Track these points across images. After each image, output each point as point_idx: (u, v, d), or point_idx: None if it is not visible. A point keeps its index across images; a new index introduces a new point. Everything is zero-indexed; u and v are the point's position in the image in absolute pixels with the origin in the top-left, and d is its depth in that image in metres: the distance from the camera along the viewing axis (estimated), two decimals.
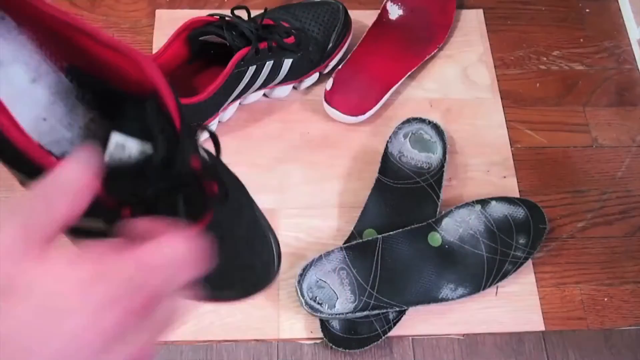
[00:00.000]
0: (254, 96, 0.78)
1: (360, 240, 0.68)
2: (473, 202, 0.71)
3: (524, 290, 0.71)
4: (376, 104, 0.79)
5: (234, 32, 0.70)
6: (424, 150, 0.75)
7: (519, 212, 0.71)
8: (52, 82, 0.29)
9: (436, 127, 0.76)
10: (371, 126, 0.80)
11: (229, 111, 0.77)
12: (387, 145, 0.75)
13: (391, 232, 0.68)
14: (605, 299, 0.71)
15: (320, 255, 0.66)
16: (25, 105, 0.29)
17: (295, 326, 0.68)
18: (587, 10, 0.92)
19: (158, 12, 0.86)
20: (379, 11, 0.85)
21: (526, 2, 0.92)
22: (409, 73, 0.81)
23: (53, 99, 0.29)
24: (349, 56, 0.81)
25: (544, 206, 0.72)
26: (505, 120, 0.81)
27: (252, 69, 0.71)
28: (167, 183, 0.25)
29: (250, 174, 0.75)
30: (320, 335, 0.66)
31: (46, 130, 0.29)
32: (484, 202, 0.71)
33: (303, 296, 0.65)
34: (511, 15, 0.91)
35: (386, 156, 0.75)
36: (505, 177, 0.77)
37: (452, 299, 0.67)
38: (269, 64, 0.73)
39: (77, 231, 0.27)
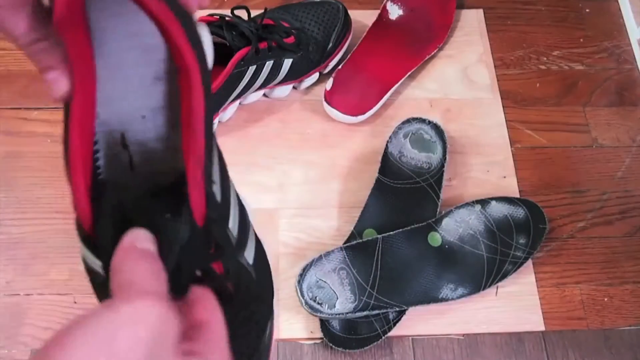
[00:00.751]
0: (254, 96, 0.78)
1: (360, 240, 0.68)
2: (473, 202, 0.71)
3: (524, 290, 0.71)
4: (376, 104, 0.79)
5: (234, 32, 0.70)
6: (424, 150, 0.75)
7: (519, 212, 0.71)
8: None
9: (436, 127, 0.76)
10: (371, 126, 0.80)
11: (229, 111, 0.77)
12: (387, 145, 0.75)
13: (391, 232, 0.68)
14: (605, 299, 0.71)
15: (320, 255, 0.66)
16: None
17: (295, 326, 0.68)
18: (587, 10, 0.92)
19: None
20: (379, 11, 0.85)
21: (526, 2, 0.92)
22: (409, 73, 0.81)
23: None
24: (349, 56, 0.81)
25: (544, 206, 0.72)
26: (505, 120, 0.82)
27: (252, 69, 0.71)
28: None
29: (250, 173, 0.76)
30: (320, 335, 0.66)
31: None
32: (484, 202, 0.71)
33: (303, 296, 0.65)
34: (511, 15, 0.91)
35: (386, 156, 0.75)
36: (505, 177, 0.77)
37: (452, 299, 0.67)
38: (269, 64, 0.73)
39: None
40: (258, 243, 0.33)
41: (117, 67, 0.29)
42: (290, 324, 0.68)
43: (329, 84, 0.79)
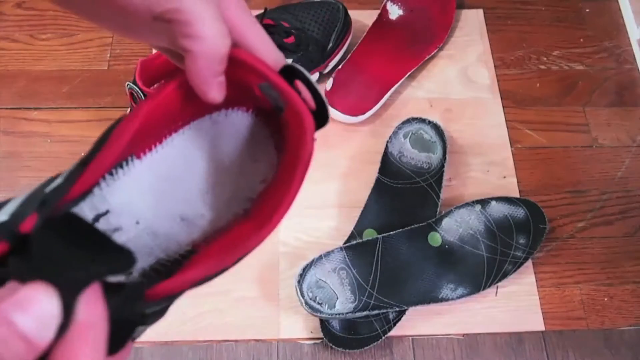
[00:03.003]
0: None
1: (360, 240, 0.68)
2: (473, 202, 0.71)
3: (524, 290, 0.71)
4: (376, 104, 0.79)
5: None
6: (424, 150, 0.75)
7: (519, 212, 0.71)
8: None
9: (436, 127, 0.76)
10: (371, 126, 0.80)
11: None
12: (387, 145, 0.75)
13: (391, 232, 0.68)
14: (605, 299, 0.71)
15: (320, 255, 0.66)
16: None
17: (295, 326, 0.68)
18: (587, 10, 0.92)
19: None
20: (379, 11, 0.85)
21: (526, 2, 0.92)
22: (409, 73, 0.81)
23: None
24: (349, 56, 0.81)
25: (544, 206, 0.72)
26: (505, 120, 0.81)
27: None
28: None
29: None
30: (320, 335, 0.66)
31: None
32: (484, 202, 0.71)
33: (303, 296, 0.65)
34: (511, 15, 0.91)
35: (386, 156, 0.75)
36: (505, 177, 0.77)
37: (452, 299, 0.67)
38: None
39: None
40: None
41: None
42: (290, 324, 0.68)
43: (329, 84, 0.79)
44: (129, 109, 0.74)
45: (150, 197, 0.29)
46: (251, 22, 0.28)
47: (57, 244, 0.22)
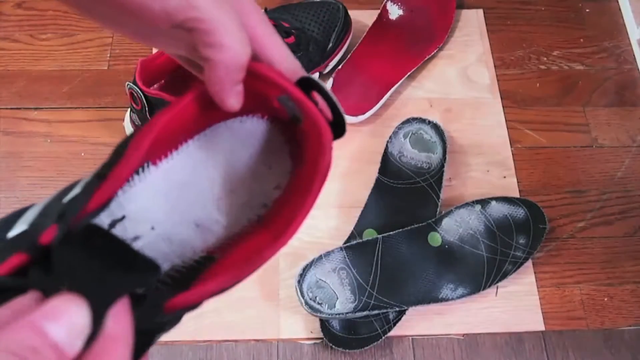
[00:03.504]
0: None
1: (360, 240, 0.68)
2: (473, 202, 0.71)
3: (524, 290, 0.71)
4: (376, 104, 0.79)
5: None
6: (424, 150, 0.75)
7: (519, 212, 0.71)
8: None
9: (436, 127, 0.76)
10: (371, 126, 0.80)
11: None
12: (387, 145, 0.75)
13: (391, 232, 0.68)
14: (605, 299, 0.71)
15: (320, 255, 0.66)
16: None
17: (295, 326, 0.68)
18: (587, 10, 0.92)
19: None
20: (379, 11, 0.85)
21: (526, 2, 0.92)
22: (409, 73, 0.81)
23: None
24: (349, 56, 0.81)
25: (544, 206, 0.72)
26: (505, 120, 0.81)
27: None
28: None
29: None
30: (320, 335, 0.66)
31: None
32: (484, 202, 0.71)
33: (303, 296, 0.65)
34: (511, 15, 0.91)
35: (386, 156, 0.75)
36: (505, 177, 0.77)
37: (452, 299, 0.67)
38: None
39: None
40: None
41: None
42: (290, 324, 0.68)
43: (329, 84, 0.79)
44: (129, 109, 0.74)
45: (165, 203, 0.29)
46: (270, 31, 0.28)
47: (81, 256, 0.22)
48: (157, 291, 0.25)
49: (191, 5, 0.24)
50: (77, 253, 0.22)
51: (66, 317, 0.20)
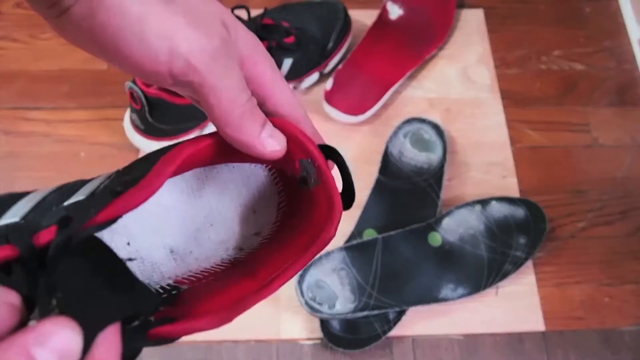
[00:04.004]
0: None
1: (360, 240, 0.68)
2: (473, 202, 0.71)
3: (524, 290, 0.71)
4: (376, 104, 0.79)
5: None
6: (424, 150, 0.75)
7: (519, 212, 0.71)
8: None
9: (436, 127, 0.76)
10: (371, 126, 0.80)
11: None
12: (387, 145, 0.75)
13: (391, 232, 0.68)
14: (606, 299, 0.71)
15: (320, 256, 0.66)
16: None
17: (295, 326, 0.68)
18: (588, 9, 0.92)
19: None
20: (379, 11, 0.85)
21: (526, 2, 0.92)
22: (409, 73, 0.81)
23: None
24: (349, 56, 0.81)
25: (544, 206, 0.72)
26: (505, 120, 0.81)
27: None
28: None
29: None
30: (320, 335, 0.66)
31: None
32: (484, 202, 0.71)
33: (303, 296, 0.65)
34: (511, 15, 0.90)
35: (386, 156, 0.75)
36: (505, 177, 0.77)
37: (452, 299, 0.67)
38: None
39: None
40: None
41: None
42: (291, 324, 0.68)
43: (329, 84, 0.78)
44: (128, 109, 0.74)
45: (147, 223, 0.29)
46: (278, 77, 0.29)
47: (80, 269, 0.22)
48: (146, 322, 0.25)
49: (193, 69, 0.25)
50: (75, 265, 0.22)
51: (58, 343, 0.20)
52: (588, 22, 0.91)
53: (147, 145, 0.74)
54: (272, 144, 0.27)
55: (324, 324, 0.66)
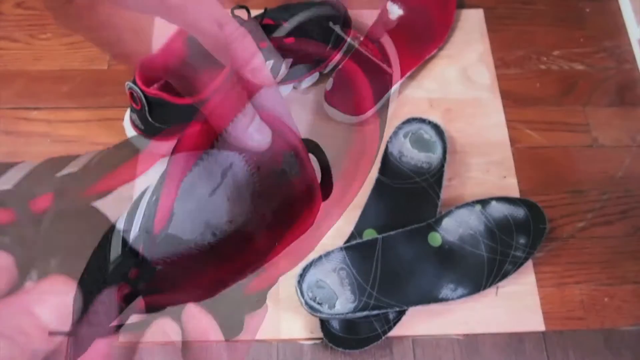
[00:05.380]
0: None
1: (360, 240, 0.68)
2: (473, 202, 0.71)
3: (524, 290, 0.71)
4: (376, 103, 0.79)
5: None
6: (424, 150, 0.75)
7: (519, 212, 0.71)
8: None
9: (436, 127, 0.76)
10: (371, 126, 0.80)
11: None
12: (387, 145, 0.75)
13: (391, 232, 0.68)
14: (606, 299, 0.71)
15: (320, 256, 0.66)
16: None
17: (295, 326, 0.68)
18: (587, 9, 0.92)
19: None
20: (379, 11, 0.85)
21: (526, 2, 0.92)
22: (409, 73, 0.81)
23: None
24: (349, 56, 0.81)
25: (544, 206, 0.72)
26: (505, 120, 0.81)
27: None
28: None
29: None
30: (320, 335, 0.66)
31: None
32: (484, 202, 0.71)
33: (303, 296, 0.65)
34: (511, 15, 0.91)
35: (386, 156, 0.75)
36: (505, 177, 0.77)
37: (452, 299, 0.67)
38: (268, 64, 0.73)
39: None
40: None
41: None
42: (290, 324, 0.68)
43: (329, 84, 0.78)
44: (128, 109, 0.74)
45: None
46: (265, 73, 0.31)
47: (78, 235, 0.23)
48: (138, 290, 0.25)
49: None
50: (73, 230, 0.22)
51: (58, 301, 0.20)
52: (588, 22, 0.91)
53: (147, 146, 0.74)
54: (258, 137, 0.28)
55: (324, 323, 0.66)
